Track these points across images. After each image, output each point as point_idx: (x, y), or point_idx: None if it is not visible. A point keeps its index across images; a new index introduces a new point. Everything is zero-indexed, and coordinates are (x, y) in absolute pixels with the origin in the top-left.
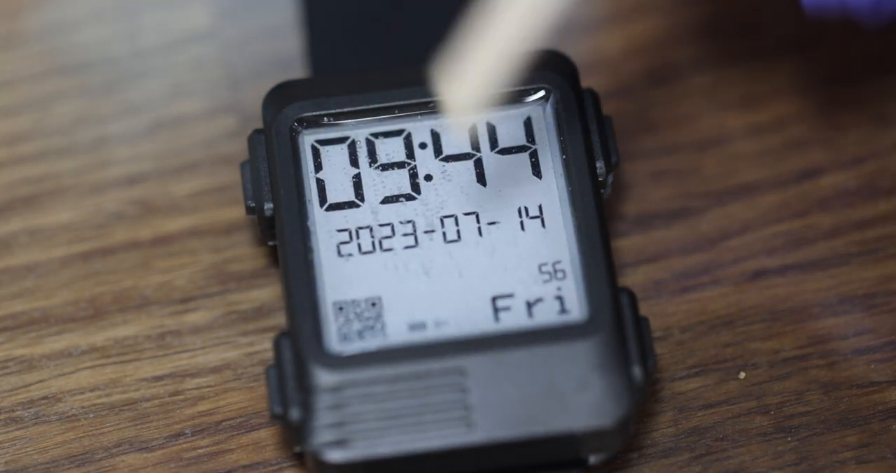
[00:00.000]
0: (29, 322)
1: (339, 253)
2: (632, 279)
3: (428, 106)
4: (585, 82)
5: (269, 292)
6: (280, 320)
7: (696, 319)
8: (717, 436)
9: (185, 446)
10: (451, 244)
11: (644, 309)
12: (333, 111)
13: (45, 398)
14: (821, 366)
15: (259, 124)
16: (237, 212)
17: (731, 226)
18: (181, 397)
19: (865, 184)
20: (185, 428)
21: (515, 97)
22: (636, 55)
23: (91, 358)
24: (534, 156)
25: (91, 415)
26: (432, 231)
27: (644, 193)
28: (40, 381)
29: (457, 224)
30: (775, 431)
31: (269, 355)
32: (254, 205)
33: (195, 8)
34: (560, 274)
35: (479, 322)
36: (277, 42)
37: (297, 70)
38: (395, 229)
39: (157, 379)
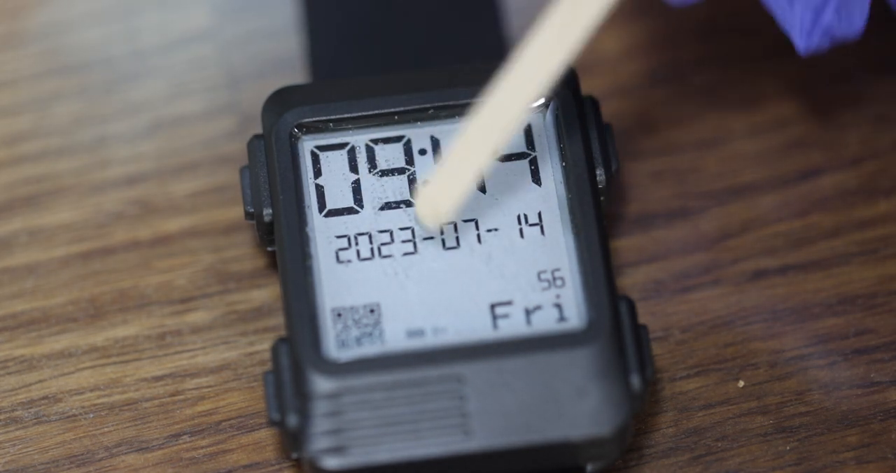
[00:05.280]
0: (29, 322)
1: (337, 259)
2: (632, 279)
3: (428, 112)
4: (585, 82)
5: (268, 292)
6: (280, 320)
7: (696, 319)
8: (718, 436)
9: (185, 446)
10: (450, 251)
11: (644, 309)
12: (333, 117)
13: (45, 398)
14: (821, 366)
15: (258, 124)
16: (237, 212)
17: (731, 226)
18: (181, 397)
19: (865, 184)
20: (185, 428)
21: None
22: (636, 55)
23: (91, 358)
24: (533, 163)
25: (91, 415)
26: (431, 238)
27: (644, 193)
28: (40, 381)
29: (456, 231)
30: (775, 431)
31: (269, 355)
32: (253, 210)
33: (195, 8)
34: (559, 282)
35: (477, 329)
36: (277, 42)
37: (296, 70)
38: (394, 236)
39: (157, 379)
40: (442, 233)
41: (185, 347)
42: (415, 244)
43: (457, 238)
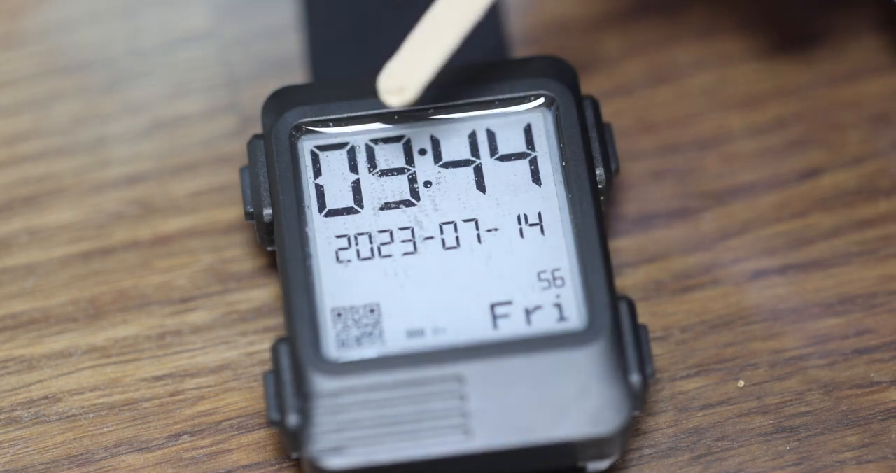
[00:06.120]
0: (29, 322)
1: (337, 259)
2: (632, 279)
3: (427, 112)
4: (585, 82)
5: (268, 292)
6: (280, 320)
7: (696, 319)
8: (718, 436)
9: (184, 446)
10: (450, 251)
11: (644, 309)
12: (333, 117)
13: (45, 398)
14: (821, 366)
15: (258, 124)
16: (237, 212)
17: (731, 226)
18: (181, 397)
19: (865, 184)
20: (185, 428)
21: (516, 104)
22: (636, 55)
23: (91, 358)
24: (533, 163)
25: (91, 415)
26: (431, 237)
27: (644, 193)
28: (40, 381)
29: (456, 231)
30: (775, 431)
31: (269, 355)
32: (253, 210)
33: (195, 8)
34: (559, 282)
35: (477, 329)
36: (277, 42)
37: (296, 70)
38: (394, 235)
39: (157, 379)
40: (442, 232)
41: (185, 347)
42: (415, 244)
43: (457, 238)
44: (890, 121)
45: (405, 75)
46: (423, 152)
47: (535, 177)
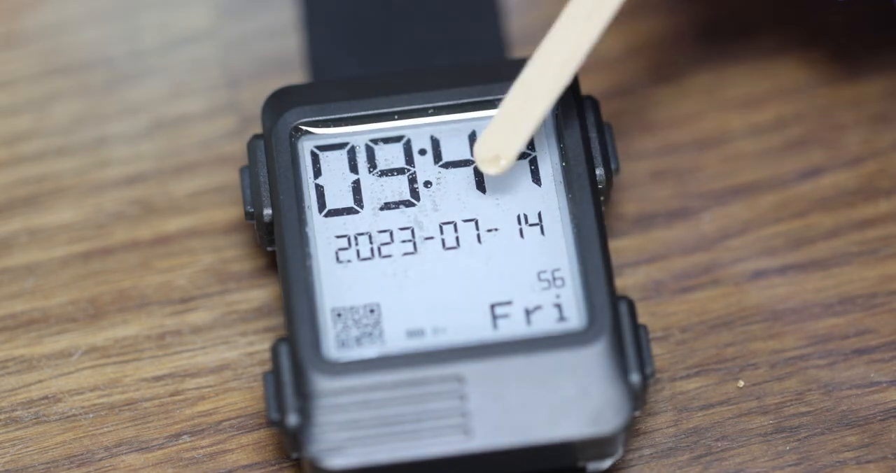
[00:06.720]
0: (29, 322)
1: (337, 259)
2: (632, 279)
3: (427, 112)
4: (585, 81)
5: (269, 292)
6: (280, 320)
7: (696, 319)
8: (718, 436)
9: (184, 446)
10: (450, 251)
11: (644, 309)
12: (333, 117)
13: (45, 398)
14: (821, 366)
15: (258, 124)
16: (237, 212)
17: (731, 225)
18: (181, 397)
19: (865, 184)
20: (185, 428)
21: None
22: (636, 55)
23: (91, 358)
24: (533, 163)
25: (91, 415)
26: (431, 238)
27: (644, 193)
28: (40, 381)
29: (456, 231)
30: (775, 431)
31: (269, 355)
32: (253, 210)
33: (195, 8)
34: (559, 282)
35: (477, 329)
36: (277, 42)
37: (296, 70)
38: (394, 236)
39: (157, 379)
40: (442, 232)
41: (185, 347)
42: (415, 244)
43: (457, 238)
44: (890, 121)
45: (500, 145)
46: (423, 152)
47: (535, 177)
